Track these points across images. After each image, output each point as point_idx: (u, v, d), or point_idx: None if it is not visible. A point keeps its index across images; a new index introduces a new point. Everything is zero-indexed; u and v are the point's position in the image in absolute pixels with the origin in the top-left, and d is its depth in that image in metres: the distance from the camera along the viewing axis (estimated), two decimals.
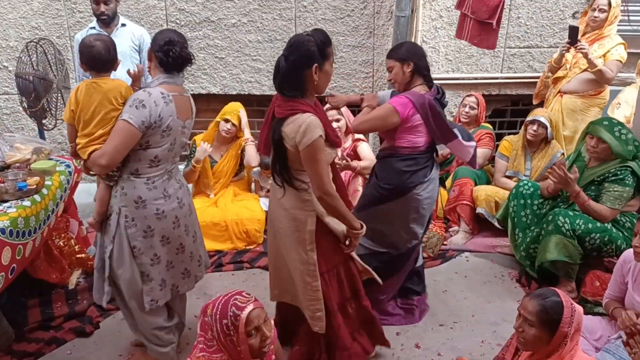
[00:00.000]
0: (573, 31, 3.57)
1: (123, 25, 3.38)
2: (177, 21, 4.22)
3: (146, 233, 2.13)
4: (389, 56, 2.53)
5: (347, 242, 2.18)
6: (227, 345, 1.59)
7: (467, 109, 3.91)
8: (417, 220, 2.60)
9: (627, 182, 2.85)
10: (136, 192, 2.08)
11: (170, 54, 2.05)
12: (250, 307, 1.59)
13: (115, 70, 2.18)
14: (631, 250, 2.33)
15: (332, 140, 2.04)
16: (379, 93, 2.77)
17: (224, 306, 1.59)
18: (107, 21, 3.31)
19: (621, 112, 3.71)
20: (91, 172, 2.16)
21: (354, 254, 2.28)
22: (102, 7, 3.24)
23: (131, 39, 3.38)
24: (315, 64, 1.93)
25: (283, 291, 2.33)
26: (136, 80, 2.40)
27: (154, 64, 2.12)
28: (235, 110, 3.67)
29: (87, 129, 2.05)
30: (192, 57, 2.14)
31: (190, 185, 3.87)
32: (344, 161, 3.66)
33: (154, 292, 2.21)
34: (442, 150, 4.00)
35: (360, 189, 3.71)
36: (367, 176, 3.70)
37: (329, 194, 1.98)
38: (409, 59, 2.46)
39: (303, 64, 1.93)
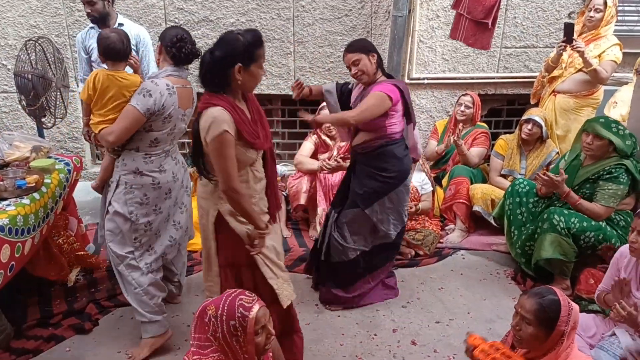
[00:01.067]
0: (568, 29, 3.59)
1: (121, 24, 3.38)
2: (176, 20, 4.23)
3: (141, 200, 2.39)
4: (351, 51, 2.57)
5: (254, 242, 2.07)
6: (231, 345, 1.58)
7: (462, 108, 3.94)
8: (405, 203, 2.81)
9: (621, 180, 2.87)
10: (134, 164, 2.37)
11: (182, 50, 2.32)
12: (257, 307, 1.60)
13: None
14: (628, 245, 2.36)
15: (246, 140, 1.97)
16: (325, 92, 2.86)
17: (230, 307, 1.58)
18: (95, 21, 3.30)
19: (617, 111, 3.74)
20: (101, 145, 2.47)
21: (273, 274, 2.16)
22: (87, 8, 3.24)
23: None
24: (239, 64, 1.92)
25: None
26: (136, 69, 2.76)
27: (164, 57, 2.36)
28: None
29: (101, 111, 2.35)
30: (200, 53, 2.31)
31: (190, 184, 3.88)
32: (335, 162, 3.68)
33: (144, 257, 2.48)
34: (438, 147, 4.04)
35: None
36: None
37: (234, 190, 1.95)
38: (372, 50, 2.57)
39: (226, 61, 1.92)
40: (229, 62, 1.93)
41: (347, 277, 2.87)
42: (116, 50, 2.37)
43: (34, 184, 2.52)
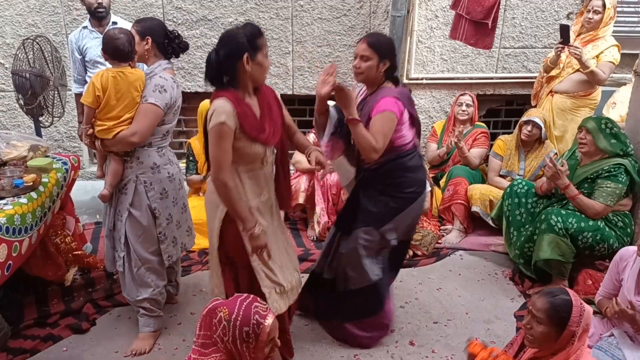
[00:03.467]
0: (564, 30, 3.60)
1: (114, 23, 3.38)
2: (174, 19, 4.23)
3: (162, 195, 2.45)
4: (369, 44, 2.26)
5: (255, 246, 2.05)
6: (241, 351, 1.57)
7: (464, 107, 3.94)
8: (419, 215, 2.59)
9: (619, 179, 2.88)
10: (151, 159, 2.40)
11: (175, 42, 2.36)
12: (271, 317, 1.59)
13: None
14: (628, 248, 2.36)
15: (248, 134, 1.98)
16: (330, 112, 2.45)
17: (245, 313, 1.56)
18: (104, 15, 3.30)
19: (616, 111, 3.75)
20: (111, 150, 2.38)
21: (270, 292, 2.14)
22: None
23: None
24: (246, 54, 1.95)
25: None
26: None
27: (154, 52, 2.36)
28: None
29: (112, 112, 2.30)
30: (188, 45, 2.47)
31: (185, 186, 3.88)
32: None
33: (169, 249, 2.54)
34: (439, 150, 4.04)
35: None
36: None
37: (223, 183, 1.96)
38: (388, 57, 2.29)
39: (233, 55, 1.94)
40: (236, 55, 1.95)
41: (374, 301, 2.55)
42: (125, 52, 2.32)
43: (32, 183, 2.51)
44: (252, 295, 1.65)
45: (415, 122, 2.40)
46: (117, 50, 2.30)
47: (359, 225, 2.43)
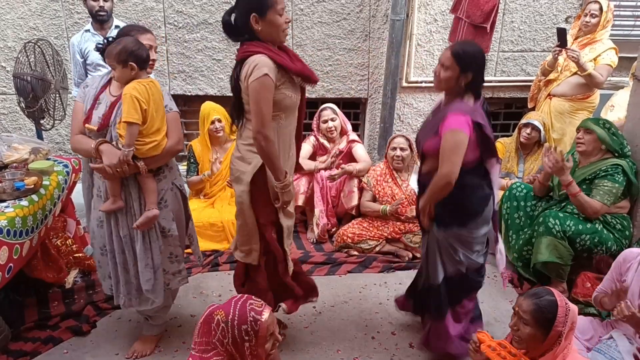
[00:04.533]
0: (561, 33, 3.63)
1: (117, 27, 3.40)
2: (175, 23, 4.25)
3: (179, 197, 2.43)
4: (453, 54, 2.12)
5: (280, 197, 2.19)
6: (241, 350, 1.58)
7: None
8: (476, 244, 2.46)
9: (617, 178, 2.89)
10: (174, 161, 2.38)
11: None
12: (267, 312, 1.61)
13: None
14: (632, 249, 2.34)
15: (296, 71, 2.07)
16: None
17: (241, 311, 1.58)
18: (105, 18, 3.32)
19: (615, 114, 3.76)
20: (152, 167, 2.21)
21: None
22: (101, 2, 3.26)
23: None
24: (254, 14, 1.98)
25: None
26: None
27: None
28: (217, 108, 3.69)
29: (155, 125, 2.16)
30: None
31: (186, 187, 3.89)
32: (340, 169, 3.70)
33: (194, 248, 2.63)
34: None
35: (356, 190, 3.75)
36: (362, 178, 3.74)
37: (265, 136, 2.01)
38: (471, 69, 2.12)
39: (242, 13, 2.01)
40: (245, 16, 2.00)
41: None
42: (147, 58, 2.19)
43: (33, 186, 2.52)
44: (245, 295, 1.67)
45: (487, 150, 2.22)
46: (144, 59, 2.16)
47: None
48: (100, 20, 3.32)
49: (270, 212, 2.25)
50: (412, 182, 3.61)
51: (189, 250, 3.46)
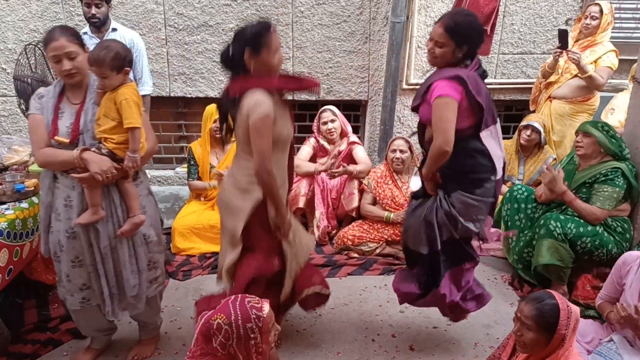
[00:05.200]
0: (562, 35, 3.63)
1: (114, 29, 3.40)
2: (176, 25, 4.25)
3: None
4: (445, 28, 2.08)
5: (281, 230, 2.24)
6: (247, 348, 1.58)
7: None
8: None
9: (617, 182, 2.89)
10: (144, 167, 2.29)
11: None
12: (266, 305, 1.63)
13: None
14: (632, 252, 2.35)
15: (299, 88, 2.20)
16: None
17: (242, 310, 1.59)
18: (99, 24, 3.32)
19: (615, 117, 3.76)
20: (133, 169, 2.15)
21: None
22: (94, 10, 3.26)
23: None
24: (248, 49, 2.03)
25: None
26: None
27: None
28: None
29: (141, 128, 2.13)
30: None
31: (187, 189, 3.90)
32: (342, 167, 3.71)
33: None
34: None
35: (356, 192, 3.75)
36: (362, 180, 3.74)
37: (268, 172, 2.05)
38: (467, 42, 2.09)
39: (236, 49, 2.07)
40: (239, 50, 2.05)
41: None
42: (131, 60, 2.15)
43: (33, 188, 2.52)
44: (239, 295, 1.68)
45: (480, 114, 2.16)
46: (130, 61, 2.12)
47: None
48: (94, 25, 3.33)
49: (272, 241, 2.26)
50: (413, 184, 3.61)
51: (190, 252, 3.49)
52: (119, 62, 2.02)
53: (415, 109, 2.31)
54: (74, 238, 2.12)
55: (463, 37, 2.09)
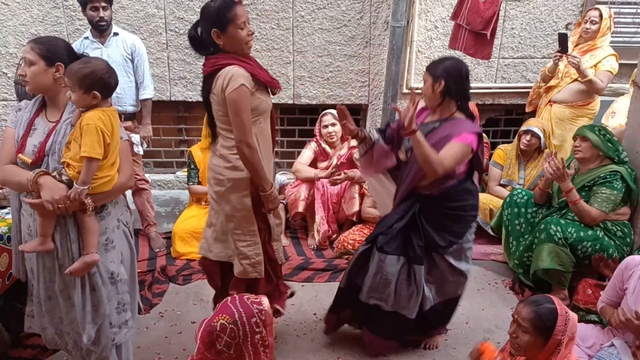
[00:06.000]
0: (562, 38, 3.64)
1: (115, 34, 3.41)
2: (176, 29, 4.26)
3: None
4: (427, 68, 2.39)
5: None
6: (253, 343, 1.60)
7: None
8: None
9: (615, 185, 2.89)
10: (121, 196, 2.12)
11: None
12: (265, 299, 1.66)
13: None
14: (635, 257, 2.34)
15: (265, 81, 2.12)
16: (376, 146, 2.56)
17: (244, 307, 1.61)
18: (105, 27, 3.33)
19: (616, 121, 3.77)
20: (99, 205, 1.94)
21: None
22: (102, 13, 3.27)
23: (123, 48, 3.41)
24: (214, 29, 2.02)
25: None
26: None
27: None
28: None
29: (111, 158, 1.93)
30: None
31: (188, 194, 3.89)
32: (343, 174, 3.70)
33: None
34: None
35: (357, 196, 3.75)
36: (363, 184, 3.74)
37: (248, 144, 2.03)
38: (442, 77, 2.31)
39: (204, 29, 2.07)
40: (207, 31, 2.04)
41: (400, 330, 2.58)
42: (114, 85, 1.94)
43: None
44: (234, 295, 1.70)
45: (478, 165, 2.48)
46: (112, 88, 1.93)
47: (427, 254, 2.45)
48: (100, 29, 3.33)
49: (263, 216, 2.29)
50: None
51: (190, 257, 3.48)
52: (90, 81, 1.83)
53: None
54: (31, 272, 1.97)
55: (438, 71, 2.31)
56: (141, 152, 3.54)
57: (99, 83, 1.86)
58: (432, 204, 2.41)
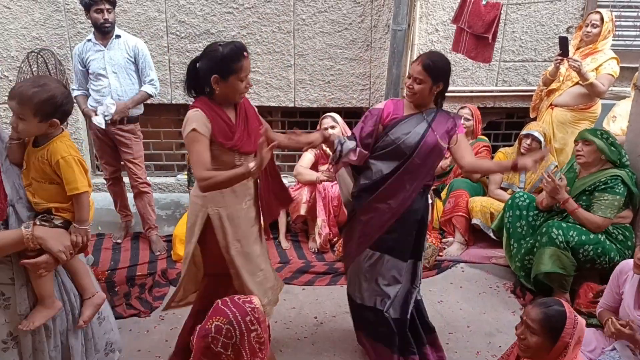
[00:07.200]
0: (563, 42, 3.64)
1: (118, 36, 3.41)
2: (178, 33, 4.27)
3: None
4: (424, 67, 2.24)
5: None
6: (249, 341, 1.60)
7: (462, 121, 3.95)
8: None
9: (617, 190, 2.89)
10: None
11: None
12: (255, 297, 1.66)
13: None
14: (628, 261, 2.35)
15: (216, 138, 2.01)
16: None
17: (237, 307, 1.61)
18: (109, 29, 3.34)
19: (617, 124, 3.76)
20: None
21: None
22: (106, 15, 3.28)
23: (126, 50, 3.42)
24: (215, 75, 2.00)
25: None
26: None
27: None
28: None
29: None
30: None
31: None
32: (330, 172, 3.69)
33: None
34: (443, 162, 4.04)
35: None
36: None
37: (204, 178, 1.99)
38: (442, 80, 2.29)
39: (204, 72, 2.03)
40: (207, 73, 2.02)
41: None
42: (70, 111, 1.73)
43: None
44: (225, 298, 1.68)
45: None
46: (69, 113, 1.73)
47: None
48: (104, 31, 3.34)
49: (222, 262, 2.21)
50: None
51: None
52: (49, 109, 1.59)
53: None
54: (5, 350, 1.65)
55: (438, 74, 2.27)
56: (103, 126, 3.35)
57: (59, 111, 1.62)
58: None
